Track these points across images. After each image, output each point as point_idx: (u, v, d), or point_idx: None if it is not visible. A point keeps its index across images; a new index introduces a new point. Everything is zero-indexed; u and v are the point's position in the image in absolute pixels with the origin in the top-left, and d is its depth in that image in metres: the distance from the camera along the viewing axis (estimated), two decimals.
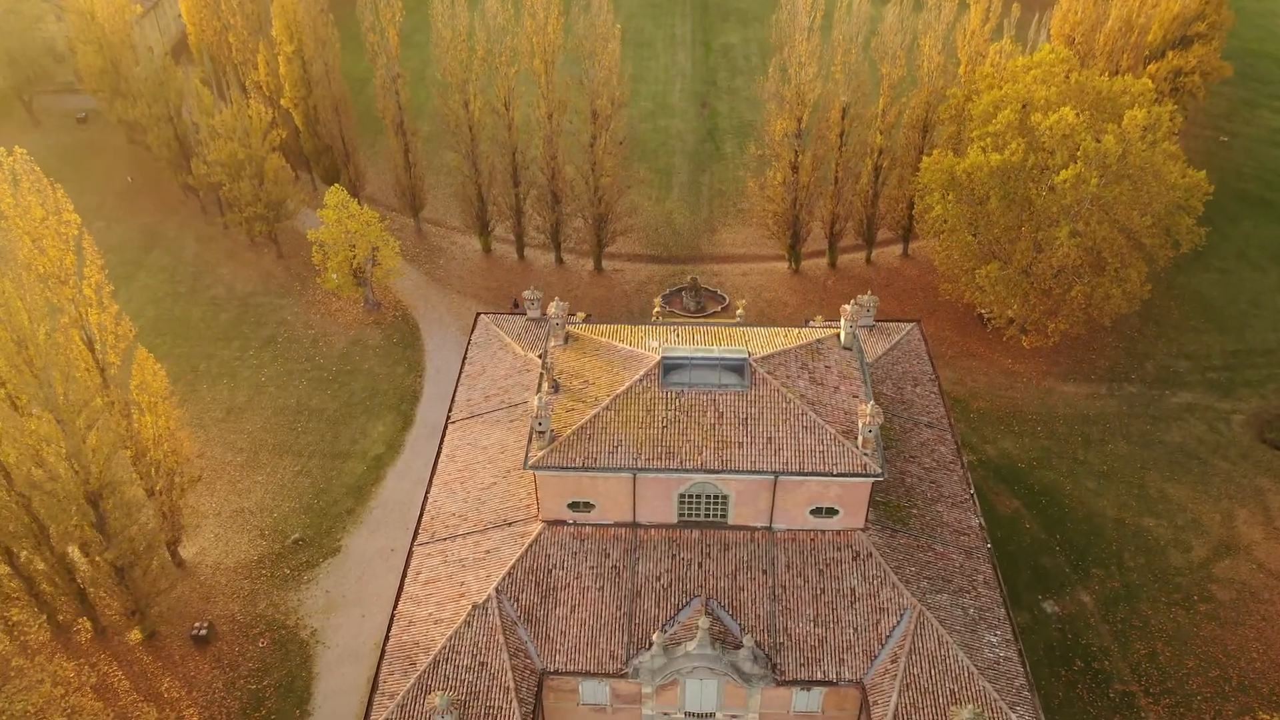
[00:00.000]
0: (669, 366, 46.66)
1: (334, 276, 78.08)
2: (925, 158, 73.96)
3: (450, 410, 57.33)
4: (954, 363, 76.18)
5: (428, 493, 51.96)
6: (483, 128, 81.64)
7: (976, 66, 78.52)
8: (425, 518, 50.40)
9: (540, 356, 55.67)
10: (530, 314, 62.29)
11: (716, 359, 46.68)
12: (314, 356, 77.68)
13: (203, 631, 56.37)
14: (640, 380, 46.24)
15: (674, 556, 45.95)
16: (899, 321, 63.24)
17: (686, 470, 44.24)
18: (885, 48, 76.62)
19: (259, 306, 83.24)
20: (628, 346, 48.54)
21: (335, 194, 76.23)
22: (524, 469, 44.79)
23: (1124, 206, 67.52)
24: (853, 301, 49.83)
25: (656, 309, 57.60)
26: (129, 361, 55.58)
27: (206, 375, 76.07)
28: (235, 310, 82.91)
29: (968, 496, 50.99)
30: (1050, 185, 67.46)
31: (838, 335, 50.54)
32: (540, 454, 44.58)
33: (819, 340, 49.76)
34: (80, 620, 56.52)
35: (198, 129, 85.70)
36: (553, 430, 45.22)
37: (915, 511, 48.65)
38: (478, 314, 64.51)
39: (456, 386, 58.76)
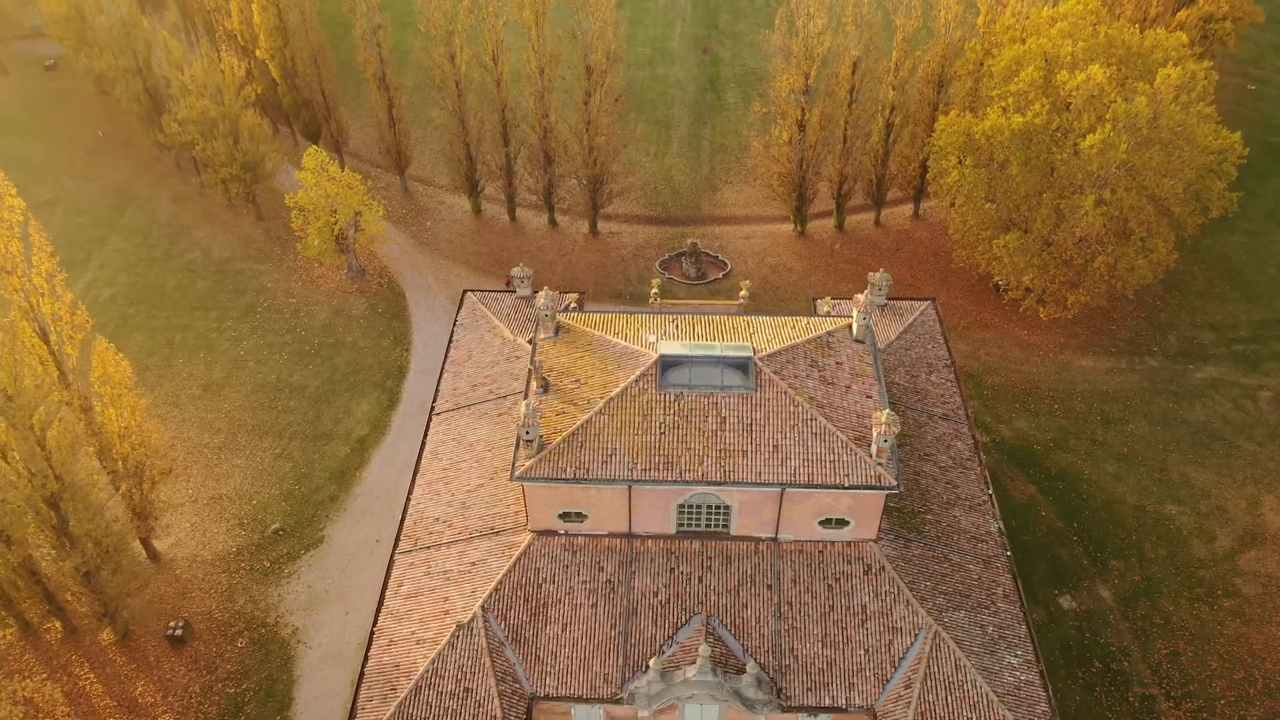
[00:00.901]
0: (667, 366, 43.12)
1: (315, 243, 73.93)
2: (941, 117, 69.35)
3: (435, 400, 53.87)
4: (967, 334, 72.51)
5: (410, 494, 48.76)
6: (470, 83, 76.80)
7: (997, 17, 73.37)
8: (407, 522, 47.30)
9: (530, 342, 52.11)
10: (520, 292, 58.53)
11: (718, 357, 43.07)
12: (295, 328, 73.97)
13: (178, 631, 53.67)
14: (636, 381, 42.72)
15: (672, 570, 42.93)
16: (913, 300, 59.41)
17: (686, 482, 40.92)
18: None
19: (237, 273, 79.25)
20: (623, 342, 44.90)
21: (314, 156, 71.75)
22: (510, 480, 41.40)
23: (1153, 173, 63.19)
24: (865, 292, 45.98)
25: (654, 289, 53.67)
26: (89, 352, 51.83)
27: (182, 348, 72.44)
28: (212, 277, 78.94)
29: (985, 498, 47.84)
30: (1075, 149, 63.05)
31: (849, 326, 46.85)
32: (528, 464, 41.25)
33: (829, 333, 46.11)
34: (49, 620, 53.77)
35: (169, 83, 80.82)
36: (541, 437, 41.81)
37: (930, 518, 45.52)
38: (464, 291, 60.69)
39: (441, 373, 55.25)
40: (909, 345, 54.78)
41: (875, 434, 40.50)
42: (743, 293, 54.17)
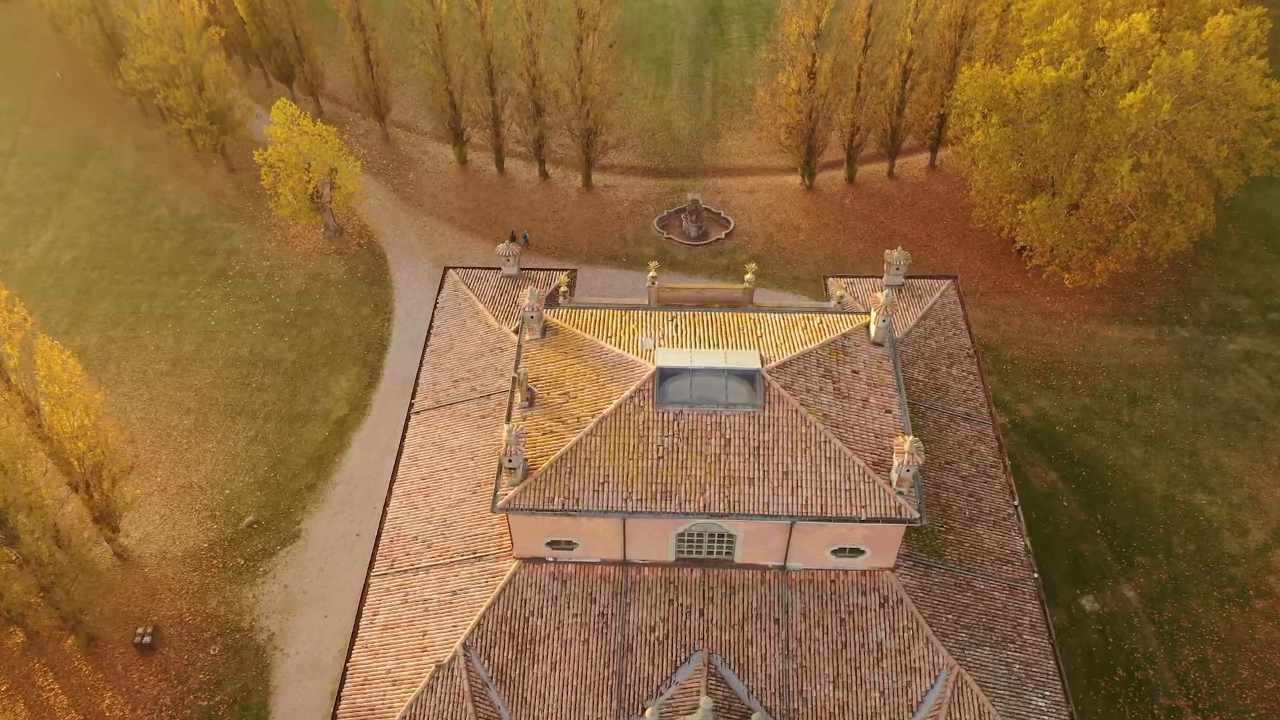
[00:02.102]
0: (666, 379, 38.85)
1: (290, 199, 68.71)
2: (965, 68, 63.54)
3: (414, 395, 49.73)
4: (986, 301, 67.96)
5: (386, 506, 44.96)
6: (452, 25, 70.64)
7: None
8: (384, 540, 43.61)
9: (515, 331, 47.78)
10: (506, 270, 53.86)
11: (722, 369, 38.78)
12: (269, 294, 69.34)
13: (146, 639, 50.54)
14: (632, 397, 38.53)
15: (671, 602, 39.39)
16: (932, 279, 54.76)
17: (686, 514, 37.06)
18: None
19: (207, 232, 74.23)
20: (617, 349, 40.53)
21: (283, 108, 66.20)
22: (492, 511, 37.52)
23: (1196, 132, 57.88)
24: (884, 291, 41.43)
25: (652, 272, 49.07)
26: (31, 351, 47.48)
27: (149, 318, 67.95)
28: (180, 237, 73.95)
29: (1011, 510, 44.10)
30: (1111, 107, 57.59)
31: (867, 327, 42.43)
32: (511, 494, 37.33)
33: (845, 335, 41.72)
34: (9, 628, 50.54)
35: (127, 24, 74.53)
36: (526, 461, 37.80)
37: (952, 538, 41.83)
38: (445, 269, 55.95)
39: (421, 364, 50.98)
40: (928, 333, 50.40)
41: (897, 462, 36.46)
42: (748, 275, 49.50)
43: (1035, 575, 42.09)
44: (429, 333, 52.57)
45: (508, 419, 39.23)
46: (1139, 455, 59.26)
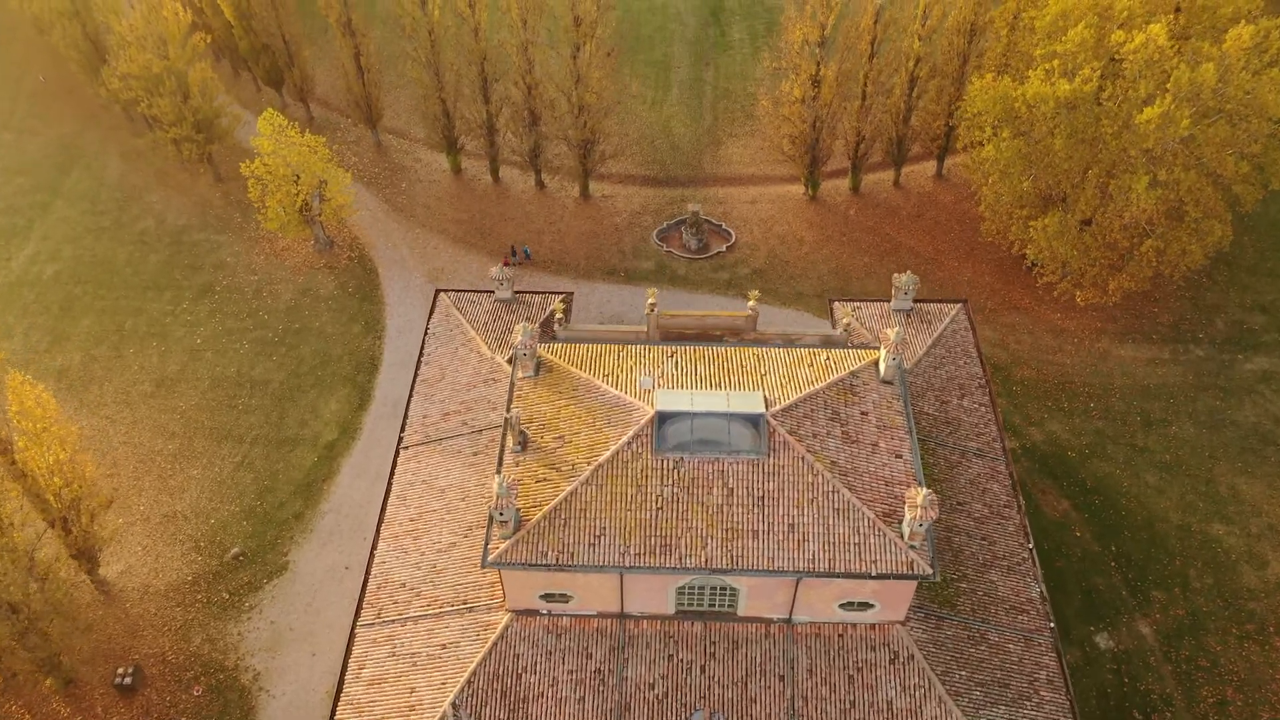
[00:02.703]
0: (665, 423, 36.88)
1: (279, 212, 66.53)
2: (975, 79, 61.37)
3: (403, 428, 47.79)
4: (995, 318, 65.97)
5: (374, 550, 43.04)
6: (445, 31, 68.38)
7: None
8: (371, 586, 41.72)
9: (509, 361, 45.87)
10: (499, 295, 51.87)
11: (724, 414, 36.84)
12: (257, 311, 67.32)
13: (127, 679, 48.73)
14: (629, 444, 36.60)
15: (671, 657, 37.56)
16: (942, 303, 52.75)
17: (687, 570, 35.20)
18: None
19: (194, 245, 72.13)
20: (614, 390, 38.56)
21: (270, 119, 64.16)
22: (482, 567, 35.64)
23: (1215, 148, 55.78)
24: (895, 329, 39.44)
25: (650, 299, 47.07)
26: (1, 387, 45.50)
27: (134, 336, 65.93)
28: (166, 250, 71.87)
29: (1026, 554, 42.22)
30: (1127, 121, 55.48)
31: (876, 364, 40.48)
32: (502, 548, 35.45)
33: (853, 373, 39.75)
34: None
35: (110, 29, 72.26)
36: (518, 511, 35.91)
37: (965, 585, 39.97)
38: (437, 291, 53.93)
39: (410, 394, 49.04)
40: (938, 362, 48.44)
41: (909, 516, 34.56)
42: (750, 303, 47.49)
43: (1051, 625, 40.25)
44: (419, 360, 50.61)
45: (499, 467, 37.27)
46: (1154, 482, 57.39)
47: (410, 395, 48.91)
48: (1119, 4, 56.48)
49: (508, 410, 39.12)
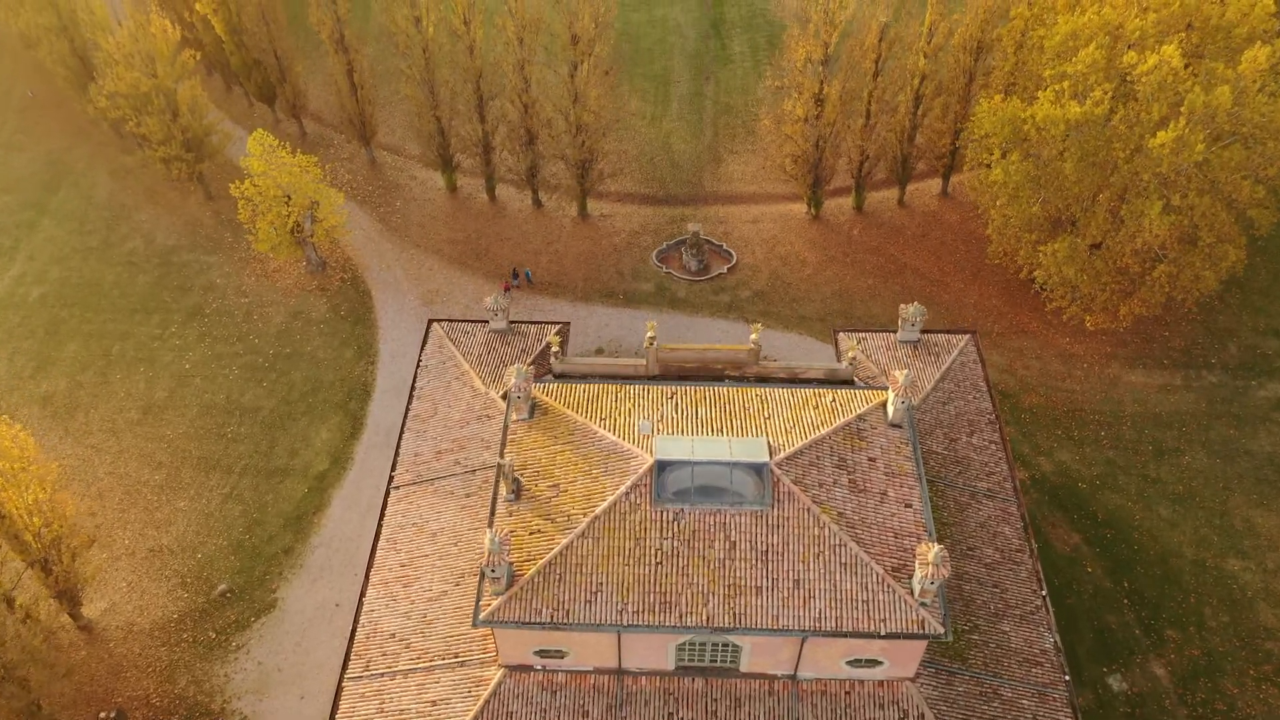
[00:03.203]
0: (665, 472, 35.35)
1: (269, 233, 64.99)
2: (983, 101, 59.85)
3: (394, 466, 46.26)
4: (1002, 342, 64.43)
5: (362, 597, 41.51)
6: (439, 48, 66.88)
7: None
8: (359, 636, 40.18)
9: (502, 397, 44.31)
10: (494, 325, 50.35)
11: (727, 462, 35.31)
12: (247, 335, 65.77)
13: None
14: (627, 494, 35.08)
15: (671, 716, 36.06)
16: (949, 333, 51.21)
17: (688, 628, 33.68)
18: None
19: (183, 266, 70.59)
20: (611, 435, 37.04)
21: (260, 140, 62.65)
22: (473, 626, 34.12)
23: (1230, 172, 54.25)
24: (905, 371, 37.92)
25: (650, 333, 45.50)
26: None
27: (120, 361, 64.40)
28: (155, 271, 70.34)
29: (1040, 601, 40.68)
30: (1139, 145, 53.99)
31: (883, 405, 38.97)
32: (494, 605, 33.93)
33: (860, 417, 38.24)
34: None
35: (98, 45, 70.69)
36: (511, 565, 34.39)
37: (976, 638, 38.44)
38: (430, 322, 52.41)
39: (402, 430, 47.50)
40: (947, 396, 46.91)
41: (920, 574, 33.04)
42: (753, 336, 45.88)
43: (1066, 678, 38.71)
44: (411, 394, 49.08)
45: (491, 519, 35.74)
46: (1167, 515, 55.86)
47: (401, 431, 47.37)
48: (1130, 24, 54.99)
49: (501, 455, 37.61)
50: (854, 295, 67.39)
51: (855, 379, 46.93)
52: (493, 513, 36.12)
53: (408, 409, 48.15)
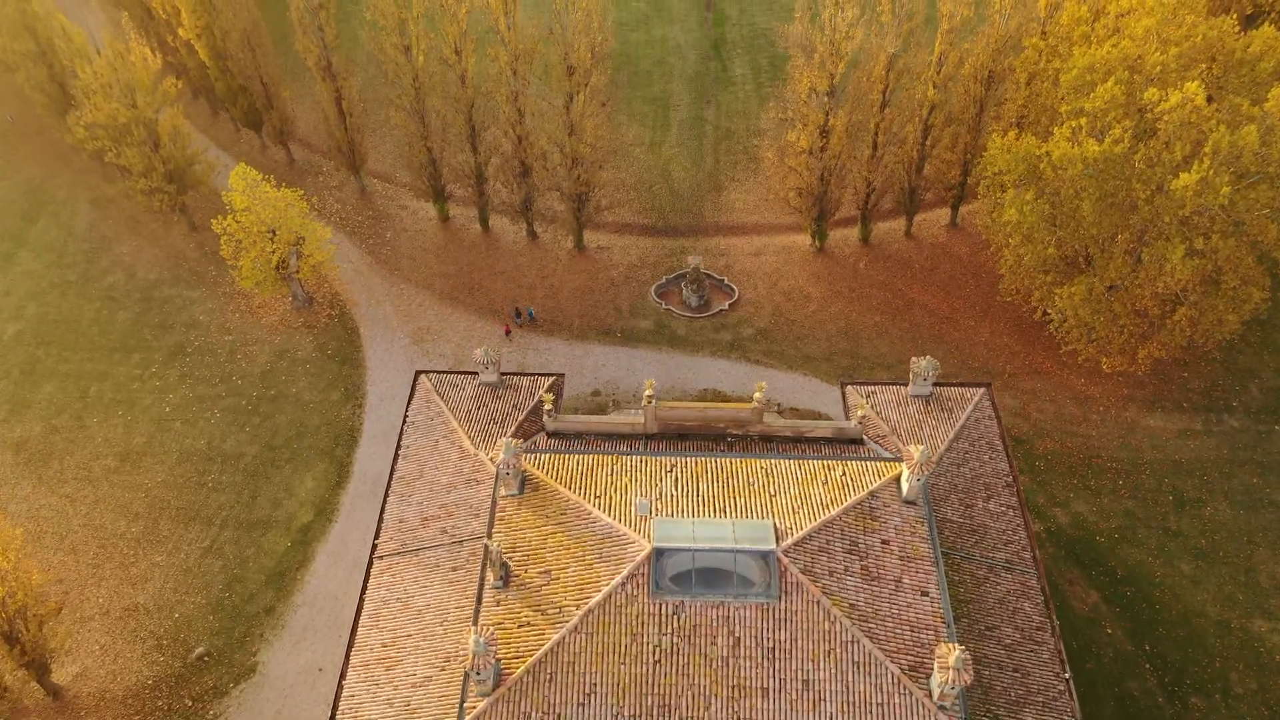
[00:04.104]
0: (664, 561, 32.90)
1: (253, 270, 62.56)
2: (996, 137, 57.39)
3: (377, 533, 43.79)
4: (1014, 383, 62.00)
5: (342, 679, 39.01)
6: (430, 77, 64.40)
7: (1063, 1, 60.53)
8: None
9: (491, 460, 41.83)
10: (484, 378, 47.90)
11: (730, 550, 32.86)
12: (230, 376, 63.32)
13: None
14: (624, 584, 32.63)
15: None
16: (963, 386, 48.76)
17: None
18: None
19: (165, 301, 68.13)
20: (606, 517, 34.59)
21: (242, 174, 60.28)
22: None
23: (1257, 213, 51.83)
24: (920, 447, 35.47)
25: (648, 390, 43.09)
26: None
27: (98, 404, 61.93)
28: (136, 307, 67.87)
29: (1063, 686, 38.21)
30: (1161, 185, 51.59)
31: (897, 479, 36.52)
32: (480, 707, 31.47)
33: (873, 494, 35.80)
34: None
35: (77, 74, 68.26)
36: (499, 663, 31.92)
37: None
38: (417, 373, 49.93)
39: (387, 493, 45.03)
40: (962, 458, 44.46)
41: (939, 678, 30.57)
42: (757, 395, 43.47)
43: None
44: (396, 453, 46.60)
45: (476, 616, 33.27)
46: (1189, 571, 53.41)
47: (386, 494, 44.90)
48: (1150, 58, 52.58)
49: (489, 535, 35.15)
50: (860, 333, 64.95)
51: (865, 437, 44.62)
52: (478, 604, 33.64)
53: (393, 469, 45.68)
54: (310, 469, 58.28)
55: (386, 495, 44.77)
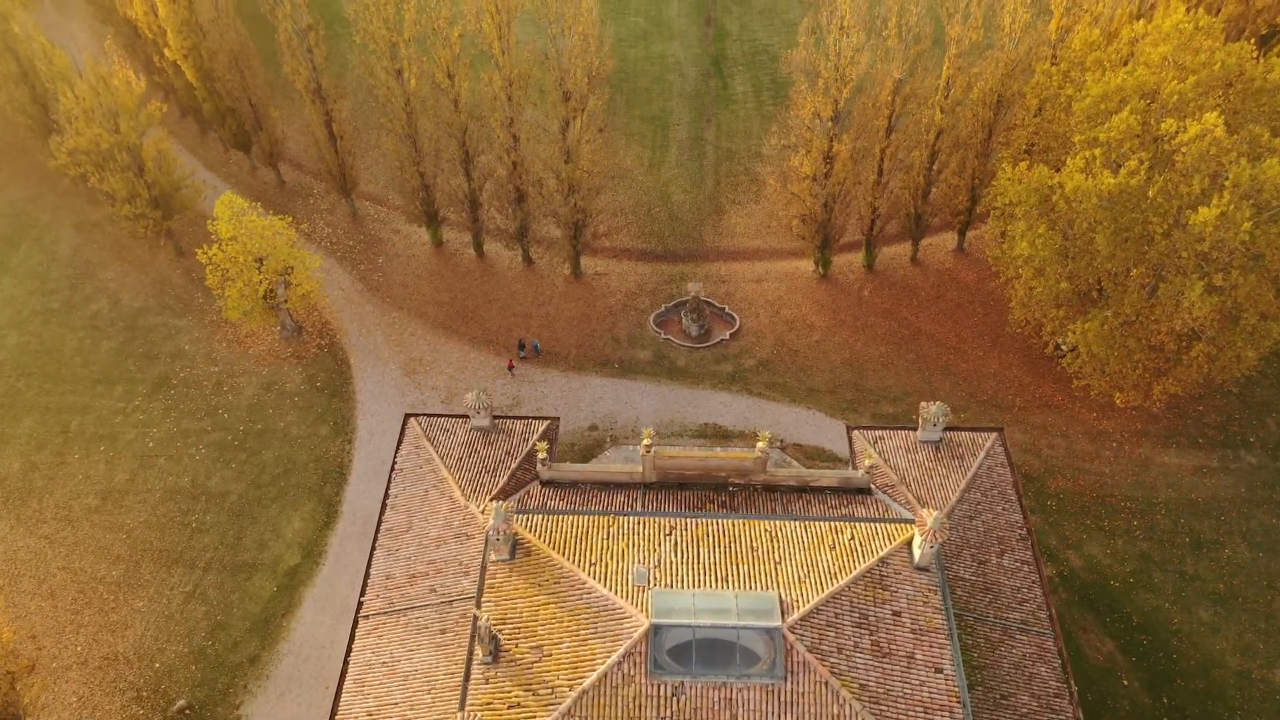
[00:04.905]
0: (662, 634, 31.02)
1: (240, 300, 60.64)
2: (1006, 167, 55.50)
3: (363, 589, 41.89)
4: (1024, 417, 60.14)
5: None
6: (422, 102, 62.55)
7: (1074, 24, 58.74)
8: None
9: (482, 511, 40.07)
10: (475, 422, 46.03)
11: (733, 626, 30.98)
12: (216, 409, 61.41)
13: None
14: (620, 663, 30.72)
15: None
16: (974, 430, 46.87)
17: None
18: (957, 3, 56.91)
19: (150, 330, 66.24)
20: (601, 588, 32.71)
21: (228, 203, 58.52)
22: None
23: (1276, 246, 49.94)
24: (933, 513, 33.58)
25: (646, 440, 41.23)
26: None
27: (79, 439, 60.03)
28: (120, 336, 65.97)
29: None
30: (1179, 219, 49.75)
31: (909, 543, 34.65)
32: None
33: (883, 560, 33.92)
34: None
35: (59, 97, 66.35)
36: None
37: None
38: (406, 416, 48.05)
39: (373, 546, 43.15)
40: (974, 510, 42.58)
41: None
42: (760, 444, 41.62)
43: None
44: (384, 502, 44.72)
45: (462, 699, 31.37)
46: (1207, 618, 51.52)
47: (372, 548, 43.03)
48: (1167, 87, 50.68)
49: (478, 605, 33.27)
50: (865, 365, 63.07)
51: (872, 487, 42.81)
52: (466, 682, 31.75)
53: (380, 520, 43.80)
54: (298, 508, 56.38)
55: (373, 549, 42.91)
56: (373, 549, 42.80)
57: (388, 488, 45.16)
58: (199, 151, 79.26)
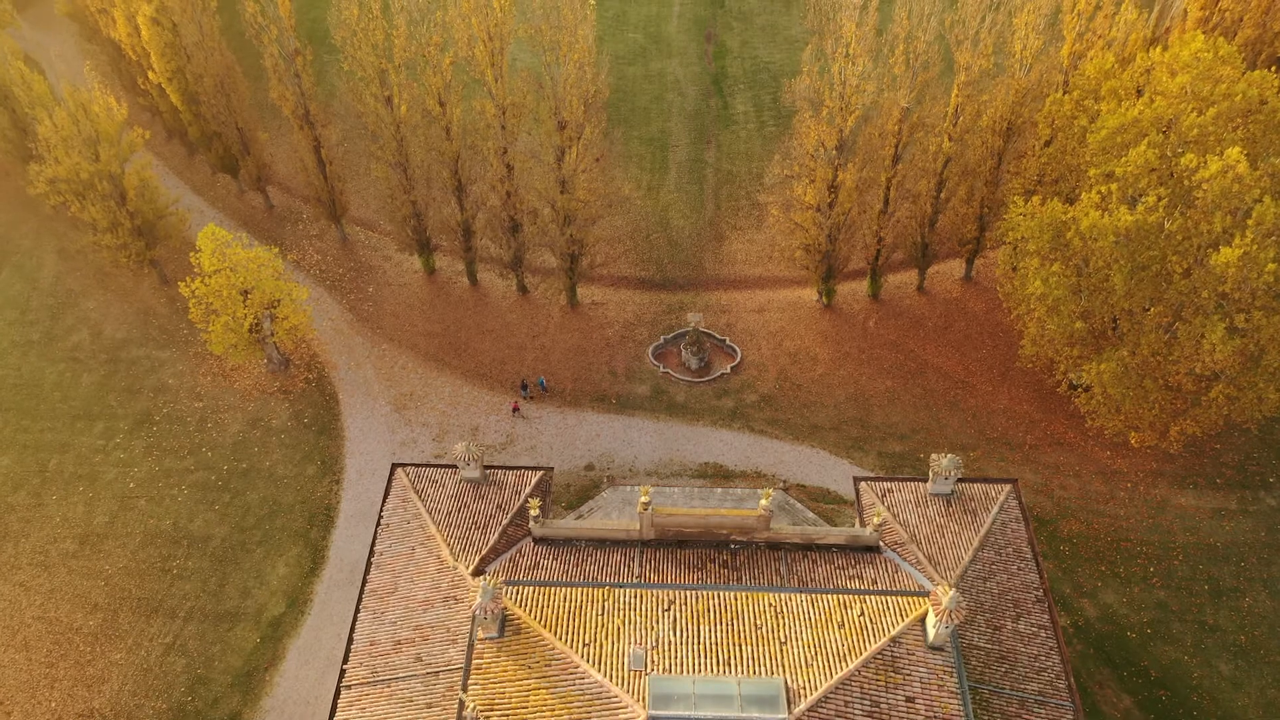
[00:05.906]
0: None
1: (224, 335, 58.56)
2: (1018, 200, 53.50)
3: (346, 656, 39.84)
4: (1036, 456, 58.12)
5: None
6: (412, 128, 60.52)
7: (1086, 50, 56.74)
8: None
9: (472, 574, 38.05)
10: (465, 474, 44.00)
11: (736, 718, 28.93)
12: (200, 447, 59.38)
13: None
14: None
15: None
16: (987, 483, 44.83)
17: None
18: (966, 29, 54.88)
19: (133, 363, 64.20)
20: (595, 673, 30.66)
21: (210, 236, 56.39)
22: None
23: None
24: (949, 591, 31.56)
25: (644, 498, 39.19)
26: None
27: (57, 479, 58.01)
28: (101, 369, 63.95)
29: None
30: (1199, 258, 47.77)
31: (922, 620, 32.61)
32: None
33: (895, 640, 31.88)
34: None
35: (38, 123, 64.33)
36: None
37: None
38: (393, 466, 46.01)
39: (357, 609, 41.09)
40: (988, 570, 40.53)
41: None
42: (763, 502, 39.59)
43: None
44: (369, 560, 42.66)
45: None
46: (1228, 672, 49.46)
47: (356, 610, 40.96)
48: (1187, 119, 48.67)
49: (464, 686, 31.23)
50: (871, 400, 61.04)
51: (881, 545, 40.78)
52: None
53: (364, 581, 41.73)
54: (283, 553, 54.34)
55: (357, 612, 40.83)
56: (356, 611, 40.74)
57: (373, 543, 43.09)
58: (186, 174, 77.28)
